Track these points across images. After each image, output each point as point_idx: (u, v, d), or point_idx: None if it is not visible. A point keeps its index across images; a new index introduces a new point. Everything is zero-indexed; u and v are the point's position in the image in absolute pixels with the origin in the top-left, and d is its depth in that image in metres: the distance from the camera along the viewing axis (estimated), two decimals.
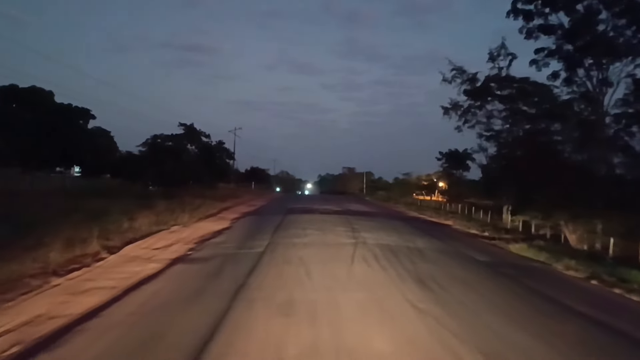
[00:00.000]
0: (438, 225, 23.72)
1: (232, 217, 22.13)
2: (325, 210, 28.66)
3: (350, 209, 31.47)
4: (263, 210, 27.96)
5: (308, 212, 25.93)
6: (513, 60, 26.22)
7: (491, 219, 27.68)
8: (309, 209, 28.49)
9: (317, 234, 15.28)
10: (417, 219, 27.20)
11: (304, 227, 16.91)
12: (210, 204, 28.67)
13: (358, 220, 21.11)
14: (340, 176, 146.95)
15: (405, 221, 23.63)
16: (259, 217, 22.37)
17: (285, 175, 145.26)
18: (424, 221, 25.46)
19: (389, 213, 30.95)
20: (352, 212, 28.40)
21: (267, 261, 10.27)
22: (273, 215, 22.85)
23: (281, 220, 19.90)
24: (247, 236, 14.85)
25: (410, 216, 29.46)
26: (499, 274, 10.54)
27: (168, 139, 30.51)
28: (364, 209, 33.07)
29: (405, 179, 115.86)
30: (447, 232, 19.96)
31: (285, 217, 21.54)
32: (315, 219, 21.19)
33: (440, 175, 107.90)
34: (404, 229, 18.53)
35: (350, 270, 9.54)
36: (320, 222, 19.21)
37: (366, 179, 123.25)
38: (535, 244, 16.05)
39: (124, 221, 15.86)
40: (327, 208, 30.83)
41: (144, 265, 9.78)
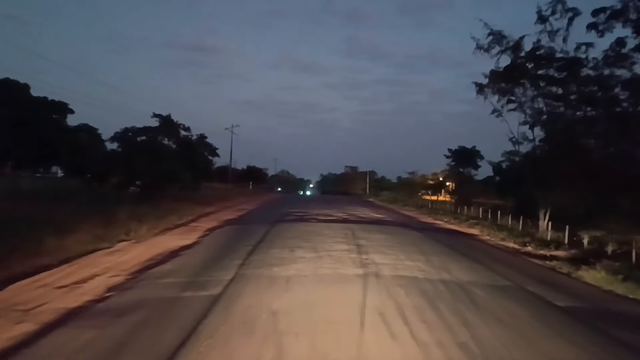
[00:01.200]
0: (464, 236, 19.21)
1: (208, 227, 17.68)
2: (324, 216, 24.20)
3: (353, 214, 27.02)
4: (250, 217, 23.52)
5: (303, 219, 21.47)
6: (574, 17, 19.93)
7: (523, 226, 23.15)
8: (304, 216, 24.04)
9: (308, 257, 10.79)
10: (435, 227, 22.70)
11: (293, 246, 12.42)
12: (189, 209, 24.33)
13: (364, 232, 16.65)
14: (342, 176, 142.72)
15: (424, 232, 19.13)
16: (241, 228, 17.92)
17: (286, 175, 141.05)
18: (445, 231, 20.93)
19: (399, 219, 26.45)
20: (355, 218, 23.93)
21: (215, 324, 5.82)
22: (259, 225, 18.40)
23: (266, 233, 15.44)
24: (211, 260, 10.41)
25: (426, 223, 24.96)
26: (621, 346, 6.01)
27: (141, 132, 26.03)
28: (369, 214, 28.58)
29: (410, 179, 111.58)
30: (482, 249, 15.45)
31: (273, 228, 17.07)
32: (309, 230, 16.71)
33: (447, 174, 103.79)
34: (427, 246, 14.04)
35: (360, 352, 5.08)
36: (315, 236, 14.74)
37: (369, 178, 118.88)
38: (611, 268, 11.48)
39: (51, 236, 11.52)
40: (327, 213, 26.38)
41: None
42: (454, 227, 22.97)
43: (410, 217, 29.70)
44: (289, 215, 24.36)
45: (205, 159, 29.64)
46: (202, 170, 28.61)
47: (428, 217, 30.32)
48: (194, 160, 27.29)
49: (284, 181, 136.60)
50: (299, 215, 23.89)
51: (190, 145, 27.89)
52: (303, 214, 24.87)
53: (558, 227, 20.47)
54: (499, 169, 78.83)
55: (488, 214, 27.93)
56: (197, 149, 28.27)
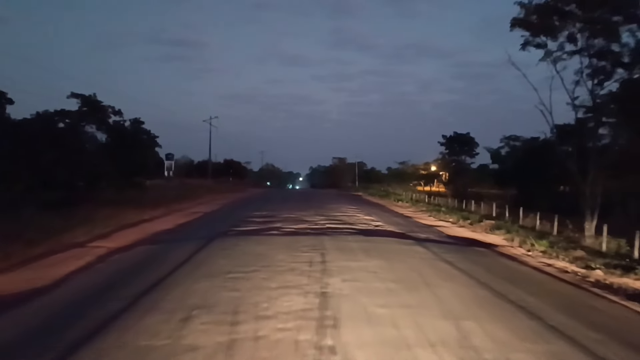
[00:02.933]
0: (491, 252, 13.21)
1: (103, 252, 11.58)
2: (293, 222, 18.18)
3: (334, 217, 21.07)
4: (192, 227, 17.45)
5: (260, 231, 15.40)
6: None
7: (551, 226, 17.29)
8: (266, 223, 17.99)
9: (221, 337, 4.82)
10: (445, 236, 16.69)
11: (196, 306, 6.36)
12: (117, 217, 18.38)
13: (343, 254, 10.68)
14: (330, 168, 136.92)
15: (433, 247, 13.15)
16: (157, 250, 11.84)
17: (271, 168, 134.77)
18: (461, 244, 14.83)
19: (394, 222, 20.52)
20: (335, 224, 17.94)
21: None
22: (190, 243, 12.37)
23: (181, 264, 9.42)
24: None
25: (430, 228, 19.02)
26: None
27: (55, 117, 19.77)
28: (355, 215, 22.64)
29: (401, 169, 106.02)
30: (531, 279, 9.42)
31: (201, 253, 10.97)
32: (257, 254, 10.62)
33: (440, 163, 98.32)
34: (446, 285, 7.95)
35: None
36: (257, 270, 8.68)
37: (358, 169, 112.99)
38: None
39: None
40: (299, 216, 20.38)
41: None
42: (469, 234, 17.08)
43: (407, 217, 23.78)
44: (248, 221, 18.32)
45: (147, 150, 23.34)
46: (141, 164, 22.41)
47: (429, 216, 24.46)
48: (129, 152, 21.07)
49: (269, 175, 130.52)
50: (259, 222, 17.85)
51: (125, 133, 21.63)
52: (267, 219, 18.83)
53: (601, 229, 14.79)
54: (497, 156, 73.37)
55: (505, 210, 22.02)
56: (132, 138, 21.98)
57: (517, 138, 71.30)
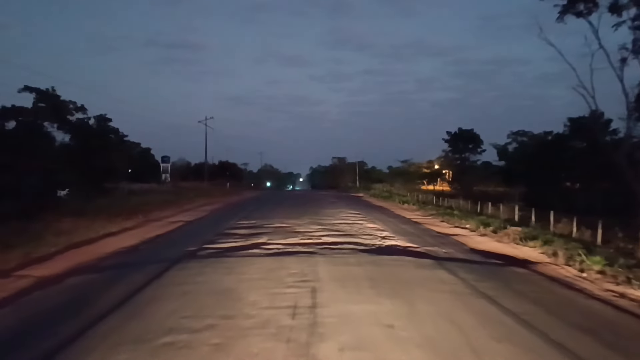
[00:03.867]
0: (534, 273, 10.17)
1: (37, 280, 8.65)
2: (282, 235, 15.22)
3: (332, 225, 18.13)
4: (164, 242, 14.45)
5: (243, 247, 12.41)
6: None
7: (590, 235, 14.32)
8: (255, 234, 15.04)
9: None
10: (468, 250, 13.73)
11: None
12: (76, 231, 15.57)
13: (342, 285, 7.74)
14: (330, 168, 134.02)
15: (460, 270, 10.19)
16: (97, 280, 8.91)
17: (270, 169, 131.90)
18: (493, 262, 11.75)
19: (404, 231, 17.57)
20: (333, 235, 14.97)
21: None
22: (145, 270, 9.45)
23: (111, 310, 6.51)
24: None
25: (448, 238, 16.05)
26: None
27: (8, 115, 16.84)
28: (356, 223, 19.71)
29: (403, 168, 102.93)
30: (623, 332, 6.43)
31: (156, 283, 8.08)
32: (222, 290, 7.66)
33: (443, 160, 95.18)
34: (504, 353, 5.08)
35: None
36: (224, 322, 5.78)
37: (359, 169, 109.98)
38: None
39: None
40: (291, 227, 17.41)
41: None
42: (496, 246, 14.07)
43: (417, 224, 20.80)
44: (229, 234, 15.35)
45: (114, 151, 20.27)
46: (108, 168, 19.43)
47: (441, 221, 21.48)
48: (96, 154, 18.13)
49: (268, 176, 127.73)
50: (242, 235, 14.86)
51: (89, 133, 18.66)
52: (252, 232, 15.85)
53: None
54: (503, 152, 70.28)
55: (531, 214, 19.01)
56: (103, 138, 18.98)
57: (525, 133, 68.23)
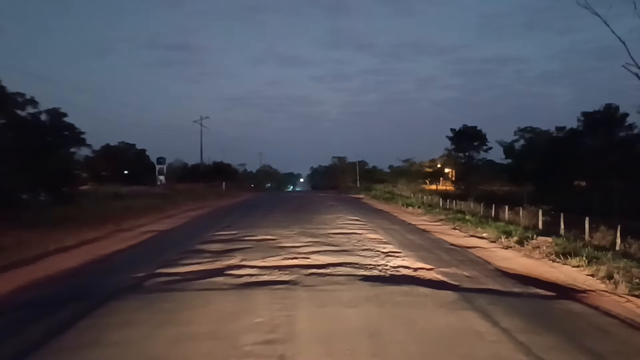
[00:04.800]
0: (600, 314, 7.09)
1: None
2: (267, 249, 12.42)
3: (326, 236, 15.30)
4: (108, 267, 11.58)
5: (206, 274, 9.46)
6: None
7: None
8: (229, 250, 12.22)
9: None
10: (496, 271, 10.90)
11: None
12: (18, 246, 12.94)
13: (331, 342, 5.02)
14: (331, 168, 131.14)
15: (498, 309, 7.37)
16: None
17: (268, 170, 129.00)
18: (534, 288, 8.54)
19: (411, 242, 14.74)
20: (326, 252, 12.09)
21: None
22: (55, 314, 6.68)
23: None
24: None
25: (464, 250, 13.23)
26: None
27: None
28: (355, 232, 16.90)
29: (405, 167, 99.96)
30: None
31: (43, 351, 5.34)
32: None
33: (446, 159, 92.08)
34: None
35: None
36: None
37: (359, 169, 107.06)
38: None
39: None
40: (280, 237, 14.60)
41: None
42: (529, 264, 11.21)
43: (426, 232, 17.94)
44: (199, 250, 12.51)
45: (67, 152, 17.37)
46: (64, 170, 16.57)
47: (452, 229, 18.65)
48: (47, 154, 15.33)
49: (266, 177, 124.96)
50: (213, 253, 12.02)
51: (40, 130, 15.85)
52: (227, 247, 12.99)
53: None
54: (510, 150, 67.37)
55: (560, 220, 16.12)
56: (48, 137, 16.15)
57: (532, 130, 65.30)
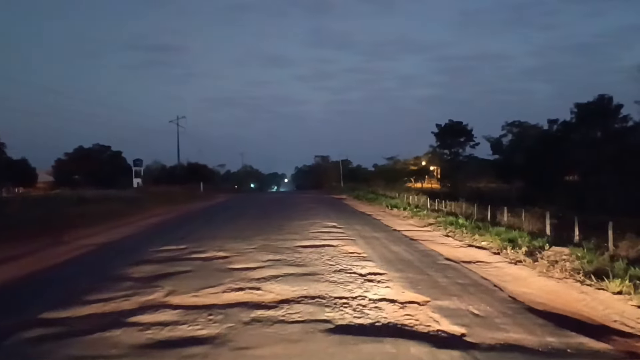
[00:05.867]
0: None
1: None
2: (212, 272, 9.56)
3: (294, 250, 12.51)
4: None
5: (97, 327, 6.60)
6: None
7: None
8: (158, 277, 9.29)
9: None
10: (514, 303, 8.21)
11: None
12: None
13: None
14: (314, 167, 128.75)
15: None
16: None
17: (250, 170, 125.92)
18: (577, 337, 5.81)
19: (397, 256, 12.03)
20: (290, 276, 9.26)
21: None
22: None
23: None
24: None
25: (463, 267, 10.52)
26: None
27: None
28: (331, 243, 14.12)
29: (389, 166, 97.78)
30: None
31: None
32: None
33: (431, 156, 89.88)
34: None
35: None
36: None
37: (343, 167, 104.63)
38: None
39: None
40: (236, 254, 11.72)
41: None
42: (551, 289, 8.48)
43: (414, 241, 15.22)
44: (122, 277, 9.51)
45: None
46: None
47: (445, 235, 16.03)
48: None
49: (248, 177, 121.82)
50: (136, 281, 9.02)
51: None
52: (158, 273, 9.99)
53: None
54: (498, 145, 65.39)
55: (574, 226, 13.55)
56: None
57: (520, 124, 63.39)
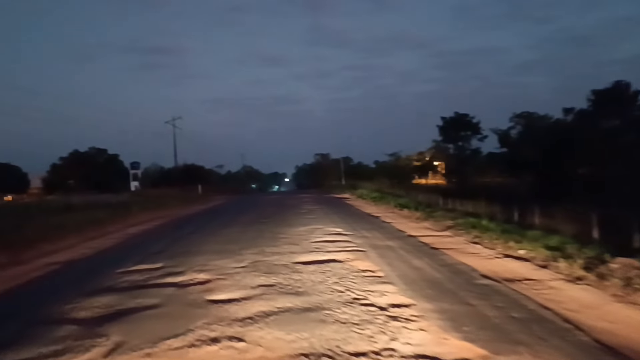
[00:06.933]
0: None
1: None
2: (177, 309, 7.13)
3: (289, 269, 10.03)
4: None
5: None
6: None
7: None
8: (100, 328, 6.89)
9: None
10: None
11: None
12: None
13: None
14: (314, 166, 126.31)
15: None
16: None
17: (250, 170, 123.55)
18: None
19: (425, 276, 9.53)
20: (279, 317, 6.81)
21: None
22: None
23: None
24: None
25: (512, 290, 8.04)
26: None
27: None
28: (337, 259, 11.62)
29: (391, 162, 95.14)
30: None
31: None
32: None
33: (435, 151, 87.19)
34: None
35: None
36: None
37: (344, 165, 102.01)
38: None
39: None
40: (213, 278, 9.28)
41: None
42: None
43: (437, 250, 12.75)
44: (64, 319, 7.14)
45: None
46: None
47: (471, 241, 13.53)
48: None
49: (248, 178, 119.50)
50: (78, 329, 6.60)
51: None
52: (114, 311, 7.61)
53: None
54: (506, 138, 62.76)
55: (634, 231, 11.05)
56: None
57: (530, 115, 60.74)
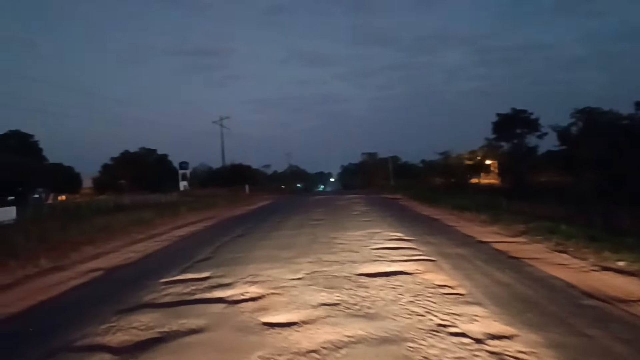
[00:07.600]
0: None
1: None
2: (226, 335, 5.39)
3: (355, 284, 8.09)
4: None
5: None
6: None
7: None
8: None
9: None
10: None
11: None
12: None
13: None
14: (361, 165, 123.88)
15: None
16: None
17: (296, 170, 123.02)
18: None
19: (539, 309, 7.27)
20: None
21: None
22: None
23: None
24: None
25: None
26: None
27: None
28: (408, 272, 9.51)
29: (441, 161, 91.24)
30: None
31: None
32: None
33: (488, 150, 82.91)
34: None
35: None
36: None
37: (392, 164, 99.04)
38: None
39: None
40: (267, 292, 7.50)
41: None
42: None
43: (526, 266, 10.40)
44: (91, 346, 5.62)
45: None
46: None
47: (560, 251, 11.13)
48: None
49: (294, 177, 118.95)
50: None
51: None
52: (148, 337, 6.01)
53: None
54: (566, 135, 58.25)
55: None
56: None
57: (592, 110, 56.16)
